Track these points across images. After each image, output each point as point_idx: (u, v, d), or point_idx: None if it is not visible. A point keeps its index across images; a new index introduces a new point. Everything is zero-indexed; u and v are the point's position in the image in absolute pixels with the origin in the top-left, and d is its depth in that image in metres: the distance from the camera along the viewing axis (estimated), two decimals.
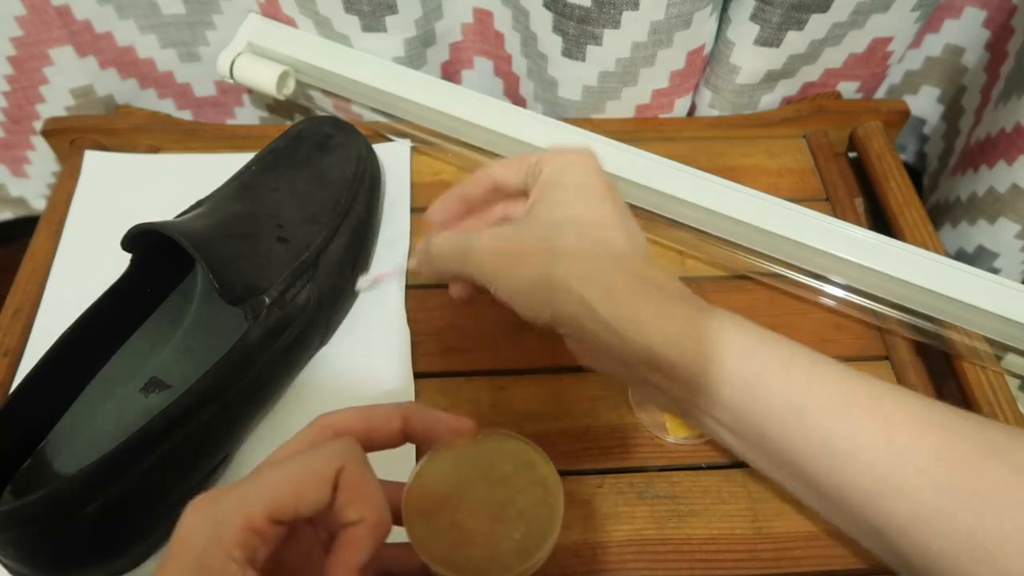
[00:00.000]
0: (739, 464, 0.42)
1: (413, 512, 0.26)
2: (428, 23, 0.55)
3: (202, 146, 0.57)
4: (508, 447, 0.28)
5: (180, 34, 0.58)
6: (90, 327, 0.40)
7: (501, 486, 0.27)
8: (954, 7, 0.58)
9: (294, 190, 0.46)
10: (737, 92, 0.58)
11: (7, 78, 0.56)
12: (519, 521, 0.27)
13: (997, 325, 0.45)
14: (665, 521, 0.40)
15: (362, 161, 0.49)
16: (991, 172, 0.54)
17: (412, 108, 0.55)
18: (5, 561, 0.34)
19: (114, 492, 0.34)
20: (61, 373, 0.39)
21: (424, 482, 0.27)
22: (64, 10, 0.53)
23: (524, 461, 0.27)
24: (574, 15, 0.50)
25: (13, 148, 0.61)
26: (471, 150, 0.55)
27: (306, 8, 0.55)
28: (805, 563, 0.39)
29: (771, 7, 0.51)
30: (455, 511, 0.27)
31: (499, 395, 0.45)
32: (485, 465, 0.27)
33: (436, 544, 0.26)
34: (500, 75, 0.62)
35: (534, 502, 0.27)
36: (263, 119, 0.66)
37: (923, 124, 0.66)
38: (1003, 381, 0.46)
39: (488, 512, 0.27)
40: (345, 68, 0.55)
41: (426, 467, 0.27)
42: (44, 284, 0.48)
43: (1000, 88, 0.55)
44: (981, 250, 0.57)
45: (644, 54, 0.53)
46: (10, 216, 0.67)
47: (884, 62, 0.58)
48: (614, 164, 0.51)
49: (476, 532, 0.26)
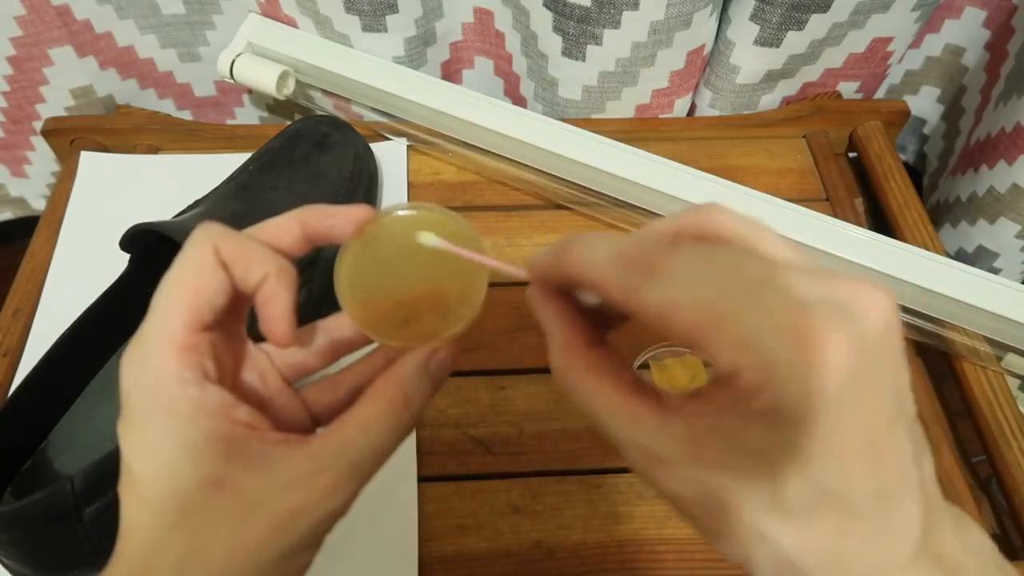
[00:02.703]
0: None
1: (359, 311, 0.26)
2: (428, 22, 0.55)
3: (202, 146, 0.57)
4: (410, 217, 0.27)
5: (180, 34, 0.58)
6: (90, 327, 0.40)
7: (420, 253, 0.27)
8: (954, 7, 0.58)
9: (292, 189, 0.46)
10: (737, 92, 0.58)
11: (7, 78, 0.56)
12: (452, 277, 0.27)
13: (997, 325, 0.45)
14: (665, 521, 0.40)
15: (359, 160, 0.49)
16: (991, 172, 0.54)
17: (412, 108, 0.55)
18: (6, 561, 0.34)
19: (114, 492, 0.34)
20: (61, 373, 0.39)
21: (353, 280, 0.26)
22: (64, 10, 0.53)
23: (430, 222, 0.27)
24: (574, 15, 0.50)
25: (13, 148, 0.61)
26: (471, 150, 0.55)
27: (306, 8, 0.55)
28: None
29: (771, 7, 0.51)
30: (392, 292, 0.27)
31: (499, 395, 0.45)
32: (398, 241, 0.27)
33: (390, 329, 0.26)
34: (500, 75, 0.62)
35: (454, 256, 0.27)
36: (263, 119, 0.66)
37: (923, 124, 0.66)
38: (1003, 381, 0.46)
39: (421, 279, 0.27)
40: (345, 68, 0.55)
41: (345, 265, 0.26)
42: (44, 284, 0.48)
43: (1000, 88, 0.55)
44: (981, 250, 0.57)
45: (644, 54, 0.53)
46: (10, 216, 0.67)
47: (884, 62, 0.58)
48: (614, 164, 0.51)
49: (420, 301, 0.27)
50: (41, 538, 0.33)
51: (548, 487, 0.42)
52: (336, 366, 0.29)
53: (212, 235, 0.24)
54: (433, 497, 0.41)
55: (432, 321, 0.26)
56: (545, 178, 0.54)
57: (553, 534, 0.40)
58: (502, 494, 0.42)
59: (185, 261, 0.24)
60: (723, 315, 0.19)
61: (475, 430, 0.44)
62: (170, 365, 0.22)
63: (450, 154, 0.56)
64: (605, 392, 0.22)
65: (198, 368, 0.23)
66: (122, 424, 0.23)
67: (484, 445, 0.43)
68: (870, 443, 0.19)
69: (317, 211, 0.26)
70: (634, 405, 0.22)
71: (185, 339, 0.23)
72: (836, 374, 0.18)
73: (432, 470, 0.42)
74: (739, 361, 0.19)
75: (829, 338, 0.18)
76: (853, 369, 0.18)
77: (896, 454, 0.19)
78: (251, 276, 0.24)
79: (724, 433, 0.20)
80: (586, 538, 0.40)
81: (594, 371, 0.23)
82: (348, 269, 0.26)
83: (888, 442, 0.19)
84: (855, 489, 0.19)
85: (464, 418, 0.44)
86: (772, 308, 0.19)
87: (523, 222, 0.53)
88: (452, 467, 0.42)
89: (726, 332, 0.19)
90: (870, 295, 0.20)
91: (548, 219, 0.54)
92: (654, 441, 0.21)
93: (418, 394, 0.25)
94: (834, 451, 0.19)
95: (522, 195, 0.55)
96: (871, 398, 0.19)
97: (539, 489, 0.42)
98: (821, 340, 0.18)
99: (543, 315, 0.24)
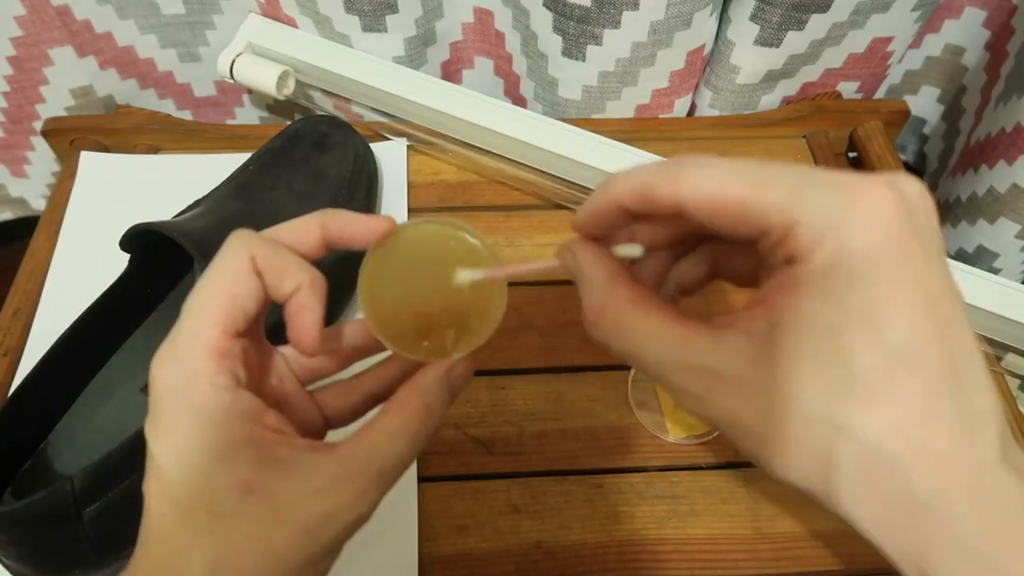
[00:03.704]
0: (739, 464, 0.42)
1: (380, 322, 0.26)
2: (428, 22, 0.55)
3: (202, 146, 0.57)
4: (432, 231, 0.27)
5: (180, 34, 0.58)
6: (90, 327, 0.40)
7: (441, 266, 0.27)
8: (954, 7, 0.58)
9: (292, 189, 0.46)
10: (737, 92, 0.58)
11: (7, 78, 0.56)
12: (472, 292, 0.27)
13: (997, 325, 0.45)
14: (665, 521, 0.40)
15: (359, 160, 0.49)
16: (991, 172, 0.54)
17: (412, 108, 0.55)
18: (6, 561, 0.34)
19: (114, 492, 0.34)
20: (61, 373, 0.39)
21: (374, 291, 0.26)
22: (64, 10, 0.53)
23: (451, 237, 0.27)
24: (574, 15, 0.50)
25: (13, 148, 0.61)
26: (471, 150, 0.56)
27: (306, 8, 0.55)
28: (805, 563, 0.39)
29: (771, 7, 0.51)
30: (412, 304, 0.27)
31: (499, 395, 0.45)
32: (420, 252, 0.27)
33: (409, 342, 0.26)
34: (500, 75, 0.62)
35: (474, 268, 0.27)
36: (263, 119, 0.66)
37: (923, 124, 0.66)
38: (1003, 381, 0.46)
39: (440, 294, 0.27)
40: (345, 68, 0.55)
41: (367, 275, 0.26)
42: (44, 284, 0.48)
43: (1000, 88, 0.55)
44: (981, 250, 0.57)
45: (644, 54, 0.53)
46: (10, 216, 0.67)
47: (884, 62, 0.58)
48: (614, 164, 0.51)
49: (439, 314, 0.27)
50: (41, 538, 0.33)
51: (548, 487, 0.42)
52: (347, 370, 0.29)
53: (248, 242, 0.24)
54: (433, 497, 0.41)
55: (451, 335, 0.27)
56: (545, 178, 0.54)
57: (553, 534, 0.40)
58: (502, 494, 0.42)
59: (221, 267, 0.24)
60: (769, 177, 0.19)
61: (475, 430, 0.44)
62: (205, 369, 0.22)
63: (450, 154, 0.56)
64: (652, 320, 0.22)
65: (231, 373, 0.23)
66: (152, 425, 0.23)
67: (484, 445, 0.43)
68: (931, 304, 0.18)
69: (338, 217, 0.26)
70: (684, 327, 0.21)
71: (220, 344, 0.23)
72: (891, 223, 0.18)
73: (432, 470, 0.42)
74: (791, 215, 0.18)
75: (880, 192, 0.18)
76: (906, 221, 0.18)
77: (960, 325, 0.19)
78: (284, 286, 0.24)
79: (783, 320, 0.19)
80: (586, 538, 0.40)
81: (639, 301, 0.22)
82: (369, 279, 0.26)
83: (949, 306, 0.18)
84: (928, 354, 0.18)
85: (464, 418, 0.44)
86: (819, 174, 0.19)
87: (523, 222, 0.53)
88: (452, 467, 0.42)
89: (774, 187, 0.19)
90: (908, 178, 0.19)
91: (548, 219, 0.54)
92: (711, 357, 0.20)
93: (438, 404, 0.26)
94: (898, 307, 0.18)
95: (522, 195, 0.55)
96: (924, 256, 0.18)
97: (539, 489, 0.42)
98: (873, 192, 0.18)
99: (582, 257, 0.24)
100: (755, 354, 0.19)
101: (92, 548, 0.35)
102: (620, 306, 0.23)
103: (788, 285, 0.19)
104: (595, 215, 0.24)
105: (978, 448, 0.18)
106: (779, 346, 0.19)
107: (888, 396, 0.18)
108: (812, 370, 0.18)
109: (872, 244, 0.18)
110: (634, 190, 0.22)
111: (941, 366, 0.18)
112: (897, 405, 0.18)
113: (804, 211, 0.18)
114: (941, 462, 0.18)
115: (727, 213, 0.20)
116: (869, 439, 0.18)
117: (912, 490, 0.18)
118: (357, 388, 0.28)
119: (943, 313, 0.18)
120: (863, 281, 0.18)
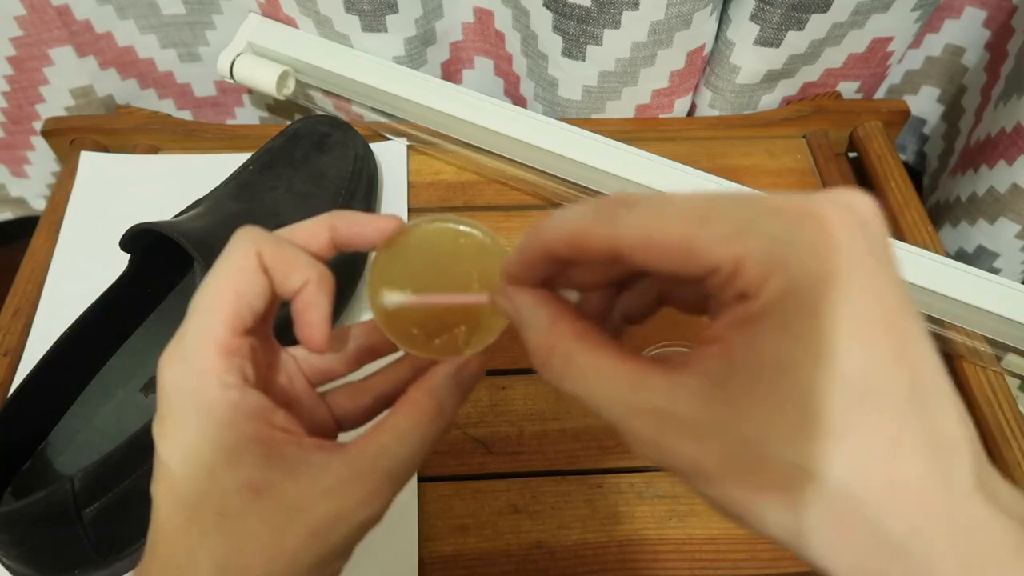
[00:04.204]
0: None
1: (390, 322, 0.26)
2: (428, 22, 0.55)
3: (202, 146, 0.57)
4: (441, 228, 0.27)
5: (180, 34, 0.58)
6: (90, 327, 0.40)
7: (451, 264, 0.27)
8: (954, 7, 0.58)
9: (292, 189, 0.46)
10: (737, 92, 0.58)
11: (7, 78, 0.56)
12: (481, 287, 0.27)
13: (997, 325, 0.45)
14: (665, 521, 0.40)
15: (360, 160, 0.49)
16: (991, 172, 0.54)
17: (412, 108, 0.55)
18: (6, 561, 0.34)
19: (114, 492, 0.34)
20: (61, 373, 0.39)
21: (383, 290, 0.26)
22: (64, 10, 0.53)
23: (460, 234, 0.27)
24: (574, 15, 0.50)
25: (13, 148, 0.61)
26: (471, 150, 0.56)
27: (306, 8, 0.55)
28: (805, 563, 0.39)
29: (771, 7, 0.51)
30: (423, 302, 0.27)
31: (499, 395, 0.45)
32: (429, 250, 0.27)
33: (420, 341, 0.26)
34: (500, 75, 0.62)
35: (485, 266, 0.27)
36: (263, 119, 0.66)
37: (923, 124, 0.66)
38: (1003, 381, 0.46)
39: (451, 291, 0.27)
40: (345, 68, 0.55)
41: (376, 274, 0.26)
42: (44, 284, 0.48)
43: (1000, 88, 0.55)
44: (981, 250, 0.57)
45: (644, 54, 0.53)
46: (10, 216, 0.67)
47: (884, 62, 0.58)
48: (614, 164, 0.51)
49: (449, 312, 0.27)
50: (41, 538, 0.33)
51: (548, 487, 0.42)
52: (359, 372, 0.29)
53: (255, 239, 0.24)
54: (433, 497, 0.41)
55: (462, 333, 0.27)
56: (545, 178, 0.54)
57: (553, 534, 0.40)
58: (502, 494, 0.42)
59: (228, 264, 0.24)
60: (710, 212, 0.18)
61: (475, 430, 0.44)
62: (213, 367, 0.22)
63: (450, 154, 0.56)
64: (601, 359, 0.20)
65: (239, 372, 0.23)
66: (159, 424, 0.23)
67: (484, 445, 0.43)
68: (888, 324, 0.17)
69: (347, 217, 0.26)
70: (636, 368, 0.20)
71: (228, 342, 0.23)
72: (839, 245, 0.17)
73: (432, 470, 0.42)
74: (737, 250, 0.17)
75: (826, 213, 0.17)
76: (857, 237, 0.17)
77: (919, 344, 0.17)
78: (291, 282, 0.24)
79: (738, 359, 0.17)
80: (586, 538, 0.40)
81: (586, 340, 0.21)
82: (378, 279, 0.26)
83: (906, 324, 0.17)
84: (889, 383, 0.17)
85: (464, 418, 0.44)
86: (761, 201, 0.18)
87: (523, 222, 0.53)
88: (452, 467, 0.42)
89: (716, 224, 0.18)
90: (854, 193, 0.18)
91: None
92: (665, 399, 0.18)
93: (450, 403, 0.25)
94: (852, 335, 0.17)
95: (522, 195, 0.55)
96: (878, 272, 0.17)
97: (539, 489, 0.42)
98: (819, 215, 0.17)
99: (520, 302, 0.23)
100: (711, 395, 0.18)
101: (92, 548, 0.35)
102: (568, 346, 0.21)
103: (741, 322, 0.18)
104: (526, 266, 0.23)
105: (952, 478, 0.17)
106: (736, 386, 0.17)
107: (851, 432, 0.16)
108: (771, 411, 0.17)
109: (822, 271, 0.17)
110: (563, 239, 0.21)
111: (903, 393, 0.17)
112: (860, 442, 0.16)
113: (750, 244, 0.17)
114: (913, 498, 0.16)
115: (669, 255, 0.18)
116: (835, 480, 0.16)
117: (886, 531, 0.16)
118: (368, 389, 0.28)
119: (901, 332, 0.17)
120: (815, 312, 0.17)
